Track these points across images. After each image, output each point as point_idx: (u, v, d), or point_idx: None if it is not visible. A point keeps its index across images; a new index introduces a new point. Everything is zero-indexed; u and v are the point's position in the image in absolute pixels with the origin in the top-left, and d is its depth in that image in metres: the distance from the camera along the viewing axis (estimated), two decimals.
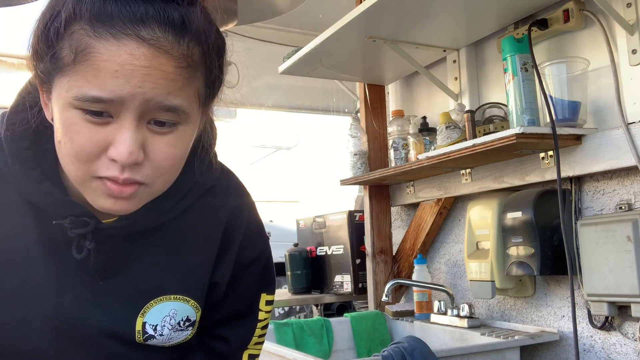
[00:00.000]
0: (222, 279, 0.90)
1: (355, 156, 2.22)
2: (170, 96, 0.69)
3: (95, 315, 0.81)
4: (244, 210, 0.92)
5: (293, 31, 2.78)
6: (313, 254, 2.94)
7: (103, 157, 0.69)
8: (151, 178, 0.72)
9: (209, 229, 0.88)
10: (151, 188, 0.74)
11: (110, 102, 0.67)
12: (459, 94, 1.96)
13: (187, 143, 0.75)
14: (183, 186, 0.84)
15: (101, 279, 0.81)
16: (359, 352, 2.04)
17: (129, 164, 0.69)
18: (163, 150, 0.72)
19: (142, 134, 0.70)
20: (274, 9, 1.27)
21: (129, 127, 0.68)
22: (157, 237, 0.84)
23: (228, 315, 0.94)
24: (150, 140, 0.71)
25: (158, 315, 0.84)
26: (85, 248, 0.78)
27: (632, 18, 1.41)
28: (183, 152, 0.75)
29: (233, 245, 0.90)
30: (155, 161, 0.72)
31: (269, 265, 0.97)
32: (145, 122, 0.70)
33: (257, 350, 0.98)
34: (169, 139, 0.72)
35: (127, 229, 0.80)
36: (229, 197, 0.91)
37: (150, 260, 0.84)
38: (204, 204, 0.87)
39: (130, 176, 0.70)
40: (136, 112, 0.68)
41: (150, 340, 0.84)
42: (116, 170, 0.69)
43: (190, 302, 0.86)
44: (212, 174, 0.88)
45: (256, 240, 0.94)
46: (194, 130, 0.77)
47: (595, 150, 1.47)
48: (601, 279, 1.43)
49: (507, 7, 1.66)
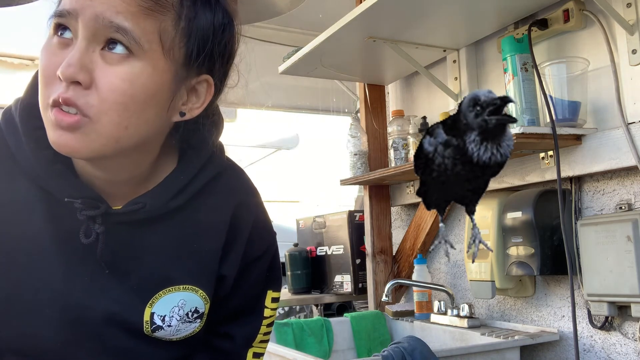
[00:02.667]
0: (230, 272, 0.89)
1: (355, 156, 2.22)
2: (121, 16, 0.70)
3: (104, 304, 0.80)
4: (252, 205, 0.92)
5: (293, 31, 2.78)
6: (313, 254, 2.94)
7: (57, 80, 0.71)
8: (95, 111, 0.70)
9: (217, 216, 0.88)
10: (95, 124, 0.71)
11: (68, 15, 0.71)
12: (459, 94, 1.96)
13: (140, 83, 0.72)
14: (192, 168, 0.84)
15: (108, 268, 0.80)
16: (359, 352, 2.04)
17: (68, 77, 0.69)
18: (110, 81, 0.70)
19: (92, 57, 0.71)
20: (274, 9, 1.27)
21: (78, 45, 0.70)
22: (166, 227, 0.84)
23: (234, 311, 0.94)
24: (100, 68, 0.71)
25: (167, 305, 0.84)
26: (93, 232, 0.78)
27: (632, 18, 1.41)
28: (133, 92, 0.72)
29: (241, 238, 0.89)
30: (101, 91, 0.70)
31: (275, 261, 0.96)
32: (99, 46, 0.71)
33: (262, 349, 0.98)
34: (119, 70, 0.71)
35: (136, 214, 0.80)
36: (238, 189, 0.92)
37: (159, 250, 0.83)
38: (212, 191, 0.87)
39: (71, 96, 0.69)
40: (87, 29, 0.70)
41: (158, 332, 0.84)
42: (61, 89, 0.70)
43: (199, 292, 0.86)
44: (219, 160, 0.88)
45: (264, 235, 0.93)
46: (154, 77, 0.73)
47: (595, 150, 1.47)
48: (601, 279, 1.43)
49: (507, 7, 1.66)
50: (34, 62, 3.21)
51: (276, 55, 2.32)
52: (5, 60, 3.24)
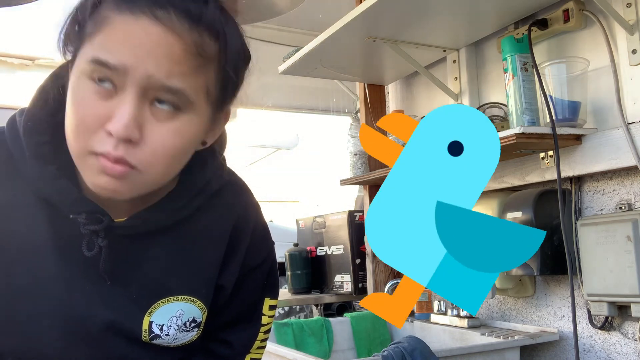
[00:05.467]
0: (228, 282, 0.90)
1: (355, 156, 2.22)
2: (173, 78, 0.70)
3: (104, 314, 0.81)
4: (251, 214, 0.93)
5: (293, 31, 2.78)
6: (313, 254, 2.93)
7: (101, 131, 0.70)
8: (145, 165, 0.71)
9: (217, 230, 0.89)
10: (143, 176, 0.72)
11: (115, 70, 0.69)
12: (459, 94, 1.96)
13: (189, 136, 0.74)
14: (194, 186, 0.84)
15: (109, 279, 0.81)
16: (359, 352, 2.04)
17: (123, 137, 0.69)
18: (162, 136, 0.71)
19: (142, 114, 0.70)
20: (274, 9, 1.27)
21: (129, 101, 0.69)
22: (166, 238, 0.84)
23: (231, 319, 0.94)
24: (150, 124, 0.71)
25: (165, 315, 0.84)
26: (96, 245, 0.78)
27: (632, 18, 1.41)
28: (183, 145, 0.74)
29: (240, 248, 0.90)
30: (152, 146, 0.71)
31: (273, 269, 0.97)
32: (147, 102, 0.71)
33: (259, 354, 0.99)
34: (169, 127, 0.72)
35: (138, 228, 0.80)
36: (237, 200, 0.92)
37: (158, 261, 0.84)
38: (212, 206, 0.88)
39: (123, 155, 0.70)
40: (138, 87, 0.69)
41: (156, 340, 0.85)
42: (110, 145, 0.69)
43: (197, 302, 0.87)
44: (221, 176, 0.89)
45: (262, 244, 0.94)
46: (199, 126, 0.76)
47: (595, 150, 1.47)
48: (601, 279, 1.43)
49: (507, 7, 1.66)
50: (34, 62, 3.21)
51: (276, 55, 2.32)
52: (5, 60, 3.24)
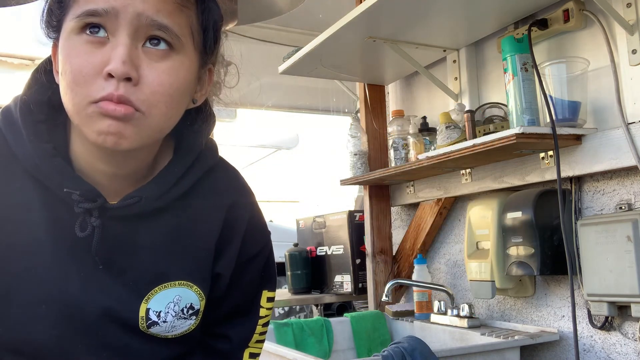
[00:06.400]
0: (225, 270, 0.90)
1: (355, 156, 2.22)
2: (161, 14, 0.73)
3: (100, 300, 0.81)
4: (246, 204, 0.93)
5: (293, 31, 2.78)
6: (313, 254, 2.94)
7: (99, 79, 0.71)
8: (147, 105, 0.73)
9: (210, 216, 0.89)
10: (147, 119, 0.74)
11: (105, 14, 0.71)
12: (459, 94, 1.96)
13: (182, 76, 0.76)
14: (186, 159, 0.85)
15: (102, 263, 0.81)
16: (359, 352, 2.04)
17: (122, 74, 0.70)
18: (158, 76, 0.74)
19: (137, 55, 0.73)
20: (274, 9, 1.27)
21: (123, 42, 0.71)
22: (160, 224, 0.84)
23: (230, 312, 0.94)
24: (145, 64, 0.73)
25: (162, 301, 0.84)
26: (89, 225, 0.78)
27: (632, 18, 1.41)
28: (179, 84, 0.76)
29: (236, 237, 0.90)
30: (151, 86, 0.73)
31: (270, 261, 0.97)
32: (140, 42, 0.73)
33: (258, 349, 0.98)
34: (163, 66, 0.74)
35: (132, 209, 0.80)
36: (232, 188, 0.93)
37: (154, 247, 0.84)
38: (205, 191, 0.88)
39: (124, 93, 0.71)
40: (129, 27, 0.72)
41: (153, 328, 0.84)
42: (111, 86, 0.71)
43: (194, 287, 0.86)
44: (212, 155, 0.90)
45: (259, 234, 0.95)
46: (190, 69, 0.78)
47: (595, 150, 1.47)
48: (601, 279, 1.43)
49: (507, 7, 1.66)
50: (34, 62, 3.21)
51: (276, 55, 2.32)
52: (5, 60, 3.24)
